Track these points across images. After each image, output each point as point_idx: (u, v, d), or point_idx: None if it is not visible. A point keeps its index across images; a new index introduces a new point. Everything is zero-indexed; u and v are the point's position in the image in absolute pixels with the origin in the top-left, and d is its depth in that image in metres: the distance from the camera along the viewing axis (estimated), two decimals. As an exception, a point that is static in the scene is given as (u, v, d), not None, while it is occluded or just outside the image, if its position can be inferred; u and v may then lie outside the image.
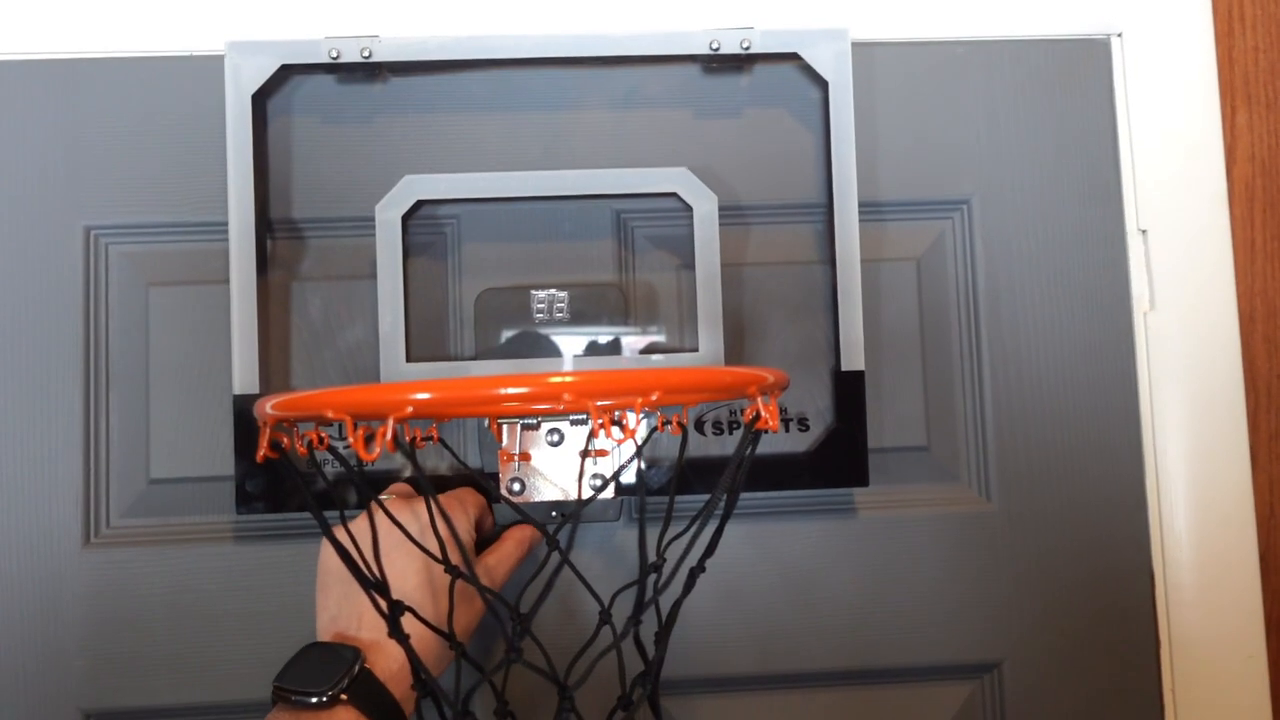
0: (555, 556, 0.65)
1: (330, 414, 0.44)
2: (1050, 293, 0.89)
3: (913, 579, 0.87)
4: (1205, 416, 0.89)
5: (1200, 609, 0.88)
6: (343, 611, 0.66)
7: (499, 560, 0.74)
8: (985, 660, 0.87)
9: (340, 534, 0.59)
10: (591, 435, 0.49)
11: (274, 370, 0.84)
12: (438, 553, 0.61)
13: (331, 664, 0.60)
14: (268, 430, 0.50)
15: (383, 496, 0.64)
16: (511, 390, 0.43)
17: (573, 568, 0.67)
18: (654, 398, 0.42)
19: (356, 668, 0.59)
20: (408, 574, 0.64)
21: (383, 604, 0.55)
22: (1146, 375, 0.89)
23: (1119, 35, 0.92)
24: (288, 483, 0.78)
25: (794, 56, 0.85)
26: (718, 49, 0.84)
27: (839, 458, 0.84)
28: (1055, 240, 0.90)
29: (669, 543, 0.63)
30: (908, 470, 0.88)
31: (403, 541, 0.63)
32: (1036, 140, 0.90)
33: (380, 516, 0.63)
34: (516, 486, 0.80)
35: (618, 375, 0.44)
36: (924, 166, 0.90)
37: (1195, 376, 0.89)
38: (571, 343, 0.83)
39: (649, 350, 0.86)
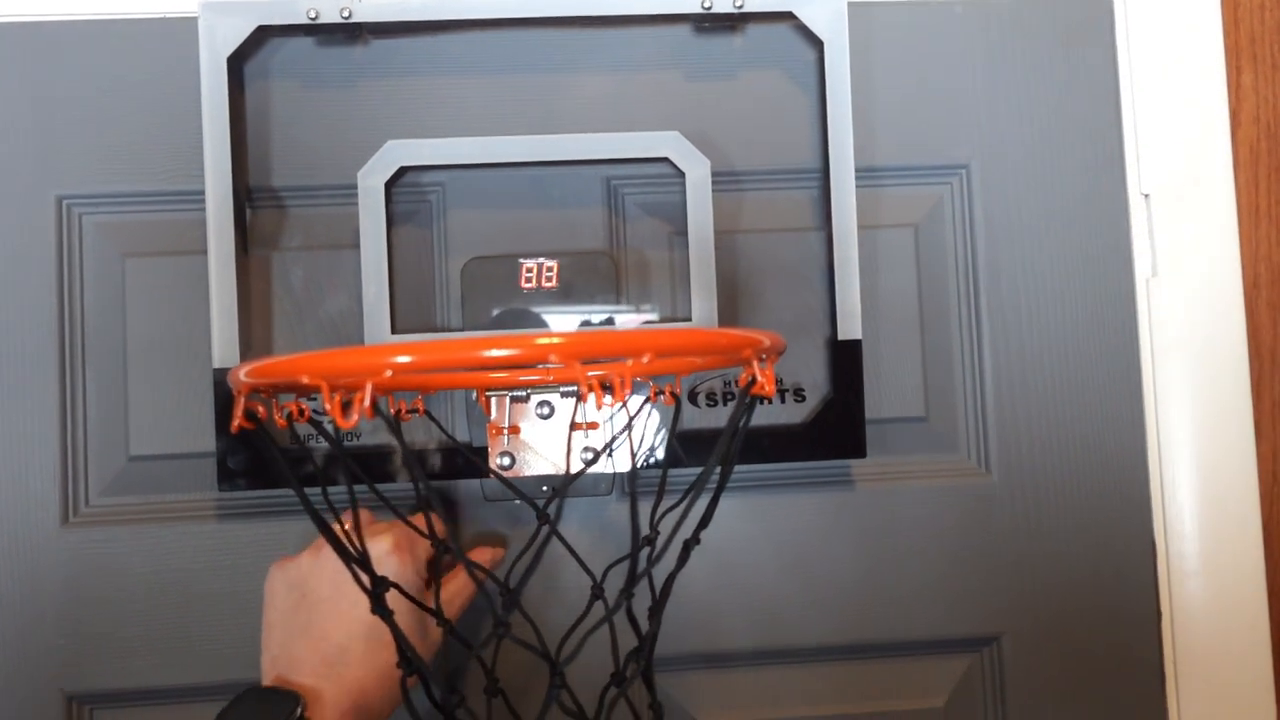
0: (545, 532, 0.64)
1: (306, 379, 0.41)
2: (1052, 259, 0.87)
3: (911, 552, 0.85)
4: (1209, 385, 0.87)
5: (1202, 580, 0.86)
6: (284, 654, 0.65)
7: (454, 593, 0.71)
8: (984, 633, 0.86)
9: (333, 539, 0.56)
10: (580, 400, 0.47)
11: (255, 343, 0.82)
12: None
13: (270, 712, 0.58)
14: (242, 400, 0.48)
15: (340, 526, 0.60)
16: (495, 353, 0.41)
17: (563, 541, 0.66)
18: (645, 360, 0.40)
19: (298, 714, 0.58)
20: (353, 621, 0.63)
21: (365, 580, 0.53)
22: (1149, 343, 0.87)
23: (1122, -6, 0.90)
24: (267, 456, 0.76)
25: (788, 16, 0.82)
26: (710, 8, 0.81)
27: (835, 429, 0.82)
28: (1057, 205, 0.88)
29: (662, 515, 0.61)
30: (905, 441, 0.87)
31: (346, 584, 0.59)
32: (1037, 102, 0.88)
33: (326, 552, 0.61)
34: (506, 461, 0.78)
35: (607, 336, 0.42)
36: (922, 130, 0.87)
37: (1198, 344, 0.87)
38: (561, 312, 0.81)
39: (642, 319, 0.84)
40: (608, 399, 0.43)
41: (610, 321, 0.82)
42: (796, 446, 0.83)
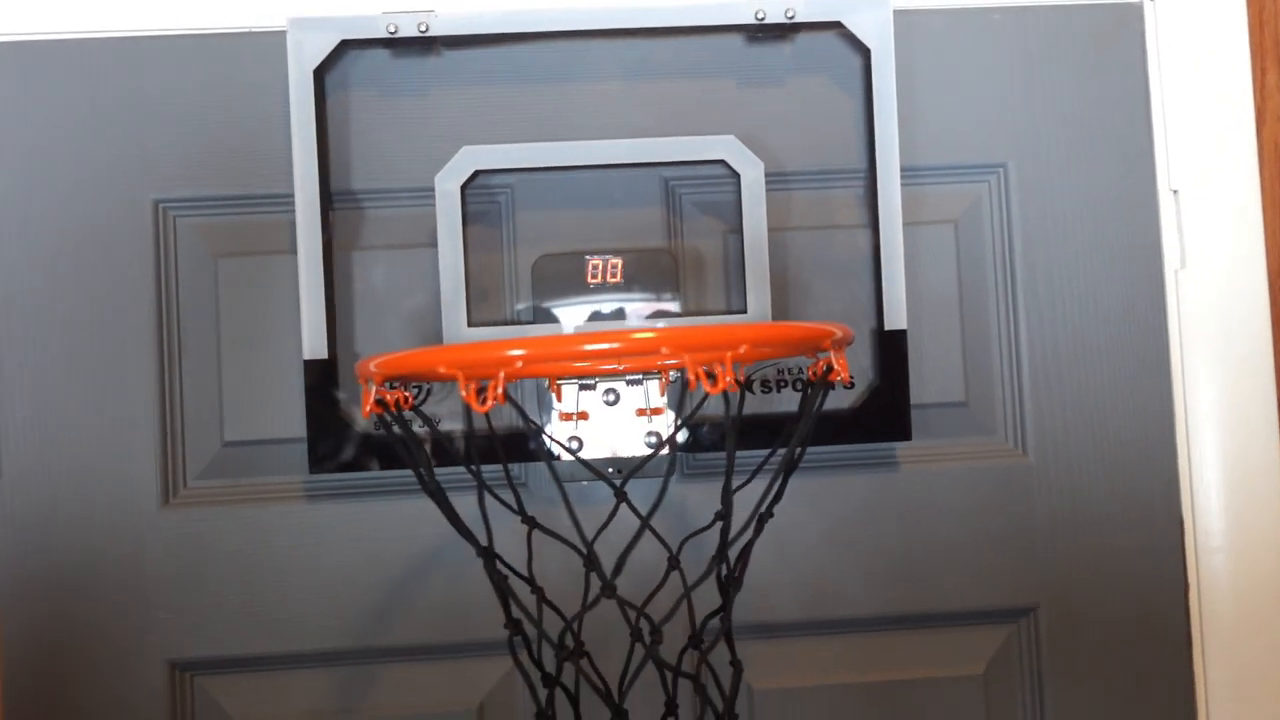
0: (622, 510, 0.70)
1: (443, 370, 0.47)
2: (1085, 253, 0.92)
3: (952, 529, 0.91)
4: (1234, 371, 0.92)
5: (1227, 555, 0.91)
6: None
7: None
8: (1022, 605, 0.91)
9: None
10: (687, 388, 0.52)
11: (340, 336, 0.88)
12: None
13: None
14: (372, 389, 0.54)
15: None
16: (607, 346, 0.47)
17: (647, 525, 0.71)
18: (742, 350, 0.46)
19: None
20: None
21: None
22: (1178, 332, 0.92)
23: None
24: (398, 440, 0.82)
25: (837, 25, 0.87)
26: (763, 18, 0.86)
27: (882, 414, 0.88)
28: (1090, 202, 0.93)
29: (735, 491, 0.66)
30: (947, 425, 0.92)
31: None
32: (1071, 104, 0.93)
33: None
34: (575, 444, 0.84)
35: (709, 330, 0.47)
36: (961, 131, 0.92)
37: (1225, 333, 0.92)
38: (627, 305, 0.86)
39: (696, 312, 0.89)
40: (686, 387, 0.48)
41: (671, 305, 0.87)
42: (846, 431, 0.88)
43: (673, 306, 0.87)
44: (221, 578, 0.88)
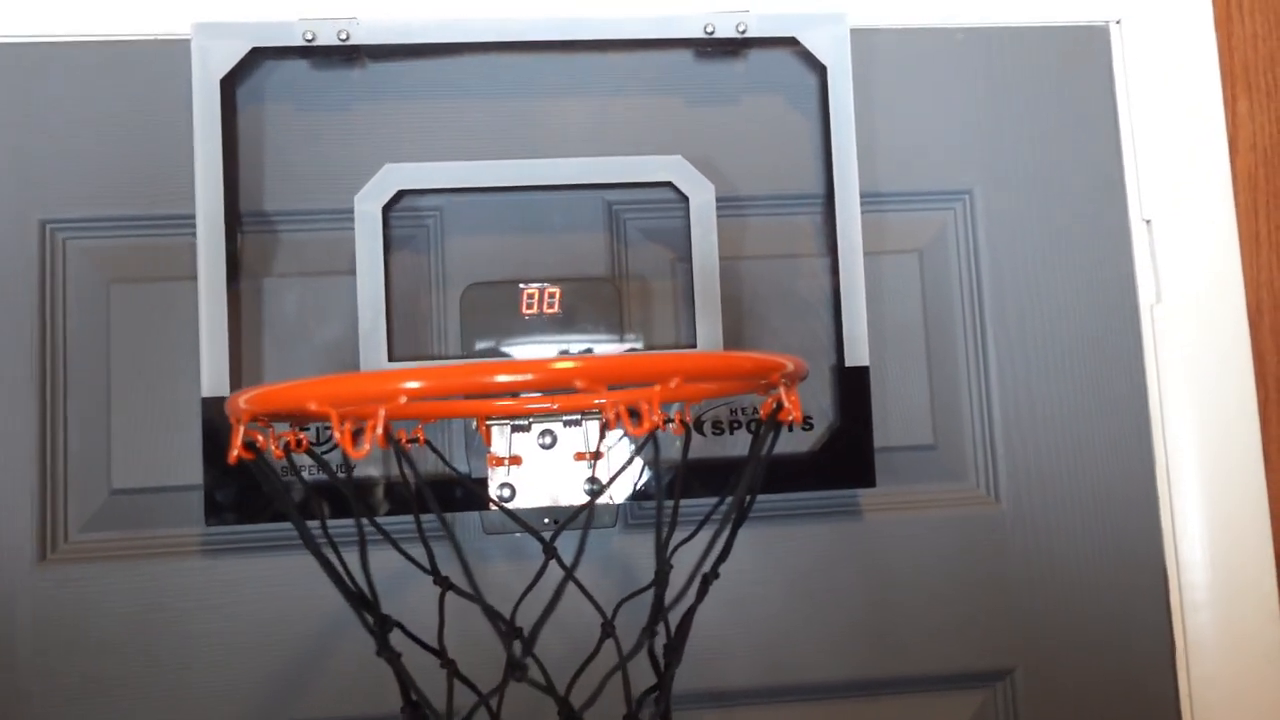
0: (553, 567, 0.61)
1: (313, 406, 0.39)
2: (1057, 285, 0.87)
3: (921, 583, 0.83)
4: (1216, 412, 0.86)
5: (1214, 610, 0.85)
6: None
7: None
8: (997, 668, 0.84)
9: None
10: (605, 428, 0.45)
11: (246, 371, 0.79)
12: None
13: None
14: (241, 428, 0.45)
15: None
16: (514, 378, 0.39)
17: (574, 579, 0.63)
18: (673, 385, 0.38)
19: None
20: None
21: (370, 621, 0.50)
22: (1155, 370, 0.87)
23: (1118, 22, 0.90)
24: (265, 490, 0.73)
25: (791, 41, 0.82)
26: (712, 32, 0.81)
27: (844, 457, 0.80)
28: (1060, 232, 0.87)
29: (675, 548, 0.58)
30: (913, 470, 0.85)
31: None
32: (1038, 129, 0.88)
33: None
34: (506, 492, 0.76)
35: (633, 360, 0.40)
36: (924, 156, 0.87)
37: (1204, 371, 0.87)
38: (565, 339, 0.79)
39: (646, 348, 0.82)
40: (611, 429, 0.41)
41: (615, 339, 0.80)
42: (804, 476, 0.81)
43: (614, 341, 0.80)
44: (106, 643, 0.78)
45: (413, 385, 0.40)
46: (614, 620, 0.59)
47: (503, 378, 0.39)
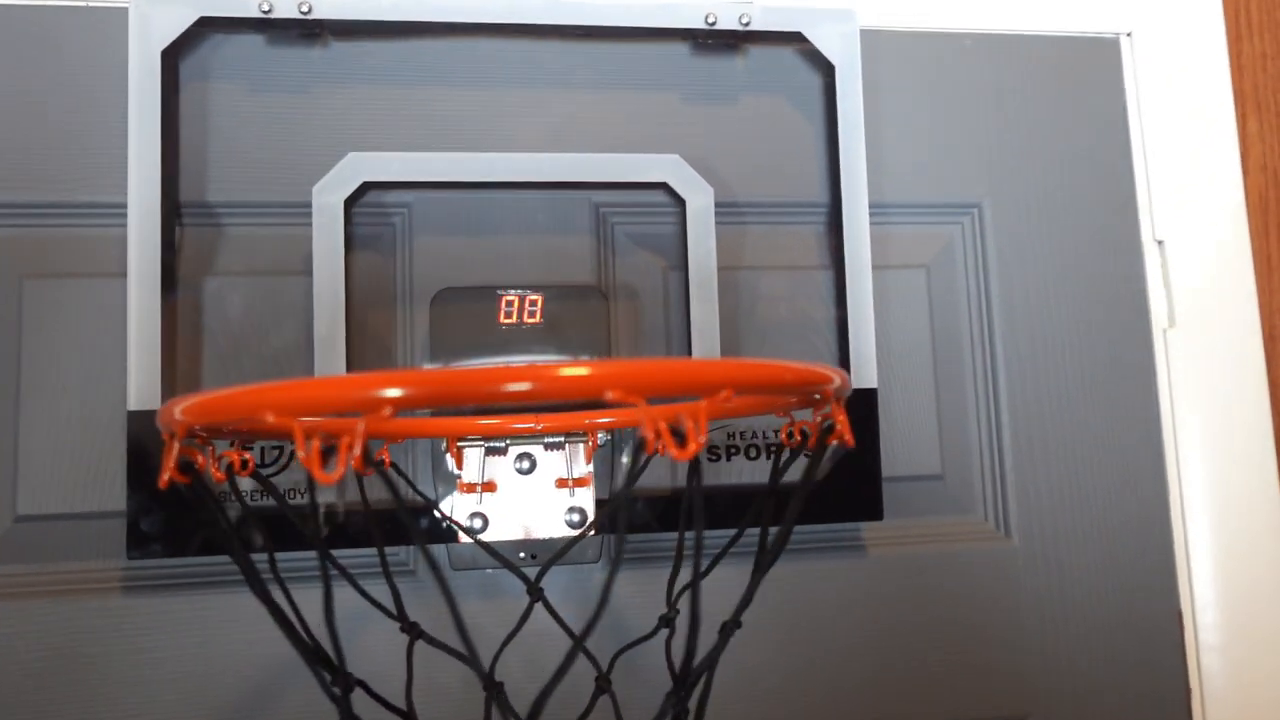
0: (535, 608, 0.53)
1: (271, 418, 0.31)
2: (1068, 306, 0.82)
3: (927, 624, 0.77)
4: (1230, 442, 0.82)
5: (1229, 653, 0.80)
6: None
7: None
8: (1009, 716, 0.77)
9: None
10: (642, 450, 0.37)
11: (180, 382, 0.69)
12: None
13: None
14: (175, 445, 0.37)
15: None
16: (526, 386, 0.31)
17: (562, 625, 0.55)
18: (722, 397, 0.31)
19: None
20: None
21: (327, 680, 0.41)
22: (1168, 397, 0.82)
23: (1128, 35, 0.86)
24: (201, 518, 0.64)
25: (796, 37, 0.76)
26: (714, 24, 0.74)
27: (850, 487, 0.74)
28: (1071, 250, 0.83)
29: (682, 590, 0.51)
30: (920, 502, 0.79)
31: None
32: (1048, 142, 0.83)
33: None
34: (478, 523, 0.67)
35: (679, 366, 0.33)
36: (931, 166, 0.82)
37: (1219, 400, 0.82)
38: (546, 353, 0.71)
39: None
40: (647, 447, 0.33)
41: (604, 352, 0.73)
42: (805, 508, 0.74)
43: (603, 357, 0.72)
44: (6, 696, 0.67)
45: (398, 393, 0.32)
46: (610, 673, 0.51)
47: (515, 386, 0.31)
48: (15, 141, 0.70)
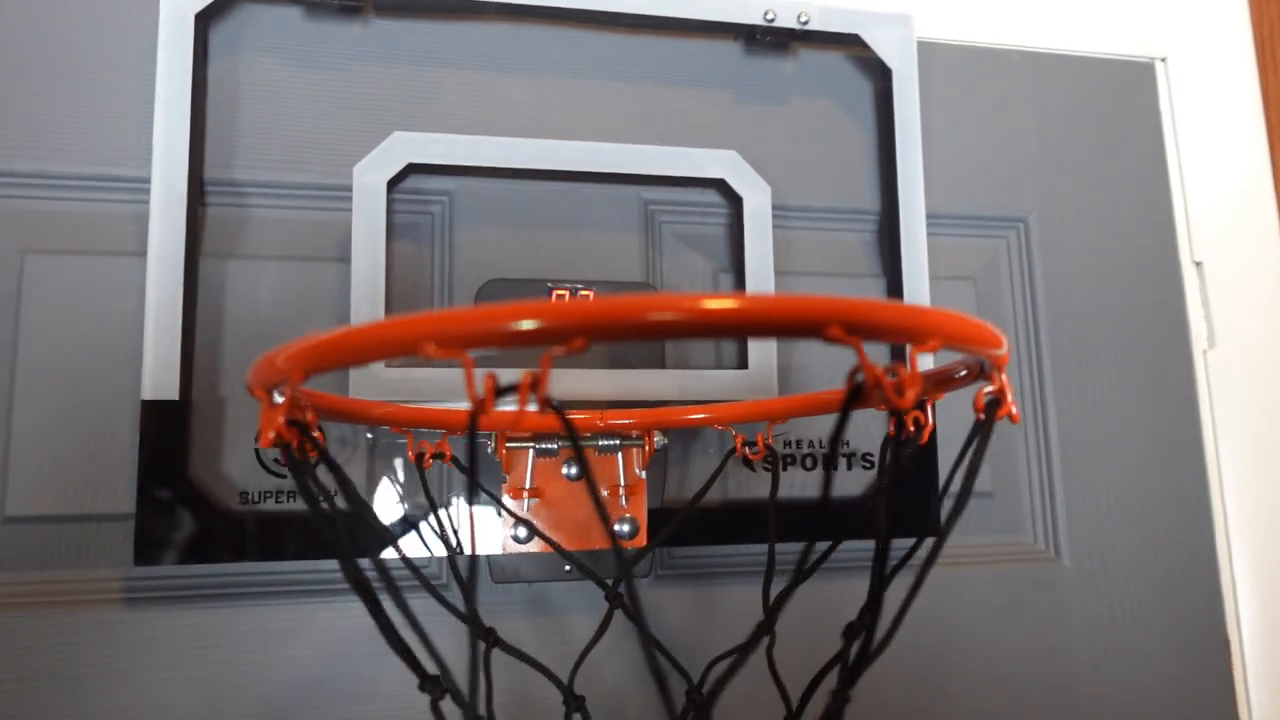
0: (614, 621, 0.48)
1: (431, 349, 0.26)
2: (1111, 324, 0.81)
3: (976, 646, 0.74)
4: (1272, 463, 0.81)
5: (1272, 682, 0.78)
6: None
7: None
8: (1060, 745, 0.74)
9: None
10: (731, 456, 0.33)
11: (199, 372, 0.63)
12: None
13: None
14: (281, 400, 0.31)
15: None
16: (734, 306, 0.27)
17: (659, 647, 0.50)
18: (932, 343, 0.28)
19: None
20: None
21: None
22: (1210, 419, 0.81)
23: (1163, 60, 0.87)
24: (306, 501, 0.58)
25: (852, 39, 0.74)
26: (773, 20, 0.72)
27: (905, 502, 0.71)
28: (1113, 267, 0.82)
29: (779, 598, 0.47)
30: (968, 520, 0.76)
31: None
32: (1090, 161, 0.83)
33: None
34: (522, 532, 0.62)
35: (896, 308, 0.29)
36: (979, 178, 0.80)
37: (1260, 422, 0.82)
38: (597, 352, 0.67)
39: (678, 365, 0.71)
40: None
41: (658, 353, 0.68)
42: (858, 522, 0.70)
43: (655, 357, 0.68)
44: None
45: (585, 324, 0.27)
46: (703, 687, 0.47)
47: (714, 305, 0.27)
48: (21, 107, 0.64)
